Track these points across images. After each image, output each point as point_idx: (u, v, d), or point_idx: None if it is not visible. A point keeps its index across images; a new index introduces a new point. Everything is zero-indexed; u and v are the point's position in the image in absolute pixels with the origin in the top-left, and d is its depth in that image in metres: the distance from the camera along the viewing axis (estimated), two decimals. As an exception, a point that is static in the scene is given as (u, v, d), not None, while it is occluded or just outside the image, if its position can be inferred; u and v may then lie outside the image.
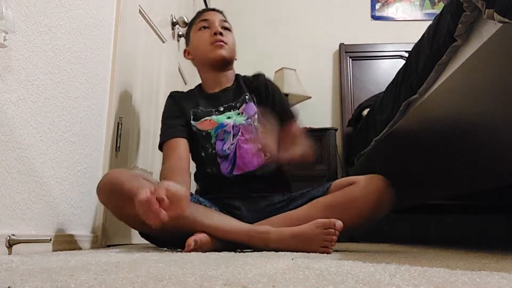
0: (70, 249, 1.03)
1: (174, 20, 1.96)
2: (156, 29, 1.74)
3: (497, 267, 0.66)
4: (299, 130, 1.34)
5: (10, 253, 0.81)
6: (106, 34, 1.31)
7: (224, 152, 1.28)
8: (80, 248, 1.10)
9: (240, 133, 1.30)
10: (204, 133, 1.31)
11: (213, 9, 1.45)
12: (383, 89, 1.94)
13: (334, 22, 3.25)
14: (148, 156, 1.66)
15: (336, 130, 2.80)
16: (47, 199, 0.98)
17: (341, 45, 3.15)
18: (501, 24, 0.83)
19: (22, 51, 0.87)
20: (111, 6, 1.34)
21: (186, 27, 2.03)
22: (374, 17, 3.27)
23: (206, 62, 1.38)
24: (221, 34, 1.35)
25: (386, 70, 2.99)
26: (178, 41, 2.06)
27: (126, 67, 1.43)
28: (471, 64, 1.03)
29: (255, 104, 1.35)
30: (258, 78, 1.42)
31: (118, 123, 1.36)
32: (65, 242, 1.05)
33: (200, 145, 1.31)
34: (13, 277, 0.46)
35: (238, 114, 1.33)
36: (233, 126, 1.30)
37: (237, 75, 1.44)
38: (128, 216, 1.09)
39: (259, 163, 1.28)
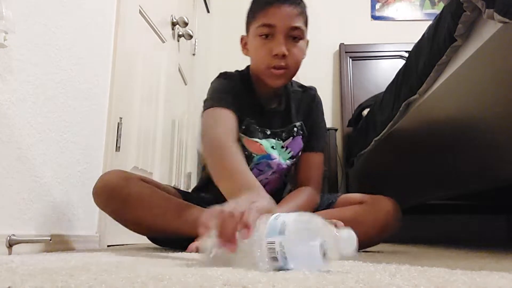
0: (70, 249, 1.03)
1: (174, 20, 1.96)
2: (156, 29, 1.74)
3: (497, 267, 0.66)
4: (316, 168, 1.19)
5: (10, 253, 0.81)
6: (106, 34, 1.31)
7: None
8: (80, 249, 1.10)
9: (280, 172, 1.19)
10: (246, 153, 1.12)
11: (285, 0, 1.05)
12: (383, 89, 1.94)
13: (334, 22, 3.24)
14: (148, 156, 1.66)
15: (336, 130, 2.80)
16: (47, 199, 0.98)
17: (341, 45, 3.15)
18: (501, 24, 0.83)
19: (22, 51, 0.87)
20: (111, 6, 1.34)
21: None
22: (374, 17, 3.26)
23: (259, 76, 1.13)
24: (284, 56, 1.05)
25: (386, 70, 2.99)
26: (178, 41, 2.06)
27: (126, 67, 1.43)
28: (471, 64, 1.03)
29: (302, 138, 1.20)
30: (308, 96, 1.26)
31: (118, 123, 1.36)
32: (65, 242, 1.05)
33: None
34: (13, 277, 0.46)
35: (282, 147, 1.17)
36: (277, 164, 1.16)
37: (286, 86, 1.21)
38: (127, 220, 1.06)
39: (276, 189, 1.22)
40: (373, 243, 1.16)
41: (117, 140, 1.35)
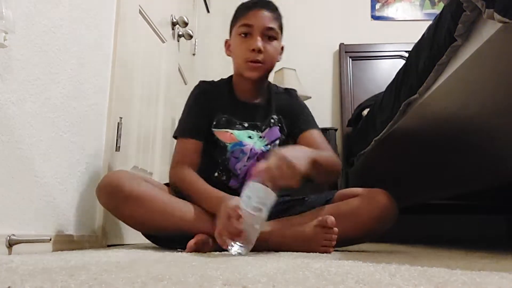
0: (70, 249, 1.03)
1: (174, 20, 1.96)
2: (156, 29, 1.74)
3: (497, 267, 0.66)
4: (320, 140, 1.27)
5: (10, 253, 0.82)
6: (106, 34, 1.31)
7: (235, 170, 1.25)
8: (80, 248, 1.10)
9: (255, 158, 1.24)
10: (221, 144, 1.25)
11: (263, 6, 1.24)
12: (383, 89, 1.94)
13: (334, 22, 3.24)
14: (148, 156, 1.66)
15: (336, 130, 2.80)
16: (47, 199, 0.98)
17: (341, 45, 3.14)
18: (501, 24, 0.83)
19: (22, 51, 0.87)
20: (111, 6, 1.34)
21: (185, 26, 2.03)
22: (374, 17, 3.26)
23: (239, 72, 1.28)
24: (260, 51, 1.20)
25: (386, 70, 2.99)
26: (178, 41, 2.06)
27: (126, 67, 1.43)
28: (471, 64, 1.03)
29: (279, 129, 1.30)
30: (292, 97, 1.36)
31: (118, 123, 1.36)
32: (65, 242, 1.05)
33: (218, 151, 1.26)
34: (13, 277, 0.46)
35: (260, 137, 1.27)
36: (251, 149, 1.24)
37: (269, 86, 1.35)
38: (128, 217, 1.09)
39: None
40: (371, 236, 1.17)
41: (117, 140, 1.35)
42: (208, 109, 1.27)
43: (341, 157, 2.93)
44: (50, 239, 0.93)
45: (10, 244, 0.81)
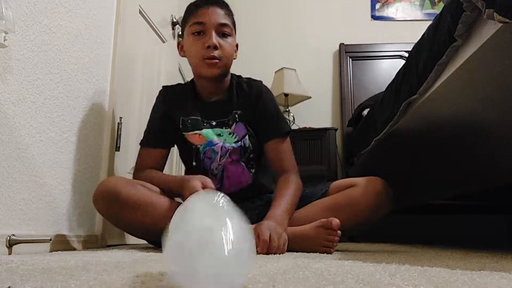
0: (69, 249, 1.03)
1: (174, 20, 1.96)
2: (156, 29, 1.74)
3: (497, 267, 0.66)
4: (285, 151, 1.26)
5: (10, 253, 0.82)
6: (106, 34, 1.31)
7: (212, 171, 1.25)
8: (79, 249, 1.10)
9: (227, 155, 1.24)
10: (193, 147, 1.25)
11: (213, 3, 1.22)
12: (383, 89, 1.93)
13: (334, 22, 3.24)
14: (148, 156, 1.65)
15: (336, 130, 2.80)
16: (47, 199, 0.98)
17: (341, 45, 3.14)
18: (501, 24, 0.83)
19: (22, 51, 0.87)
20: (111, 6, 1.34)
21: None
22: (374, 17, 3.26)
23: (197, 72, 1.26)
24: (215, 47, 1.18)
25: (386, 70, 2.99)
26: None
27: (126, 67, 1.43)
28: (471, 64, 1.03)
29: (244, 124, 1.26)
30: (252, 88, 1.29)
31: (118, 123, 1.36)
32: (65, 242, 1.05)
33: (193, 154, 1.26)
34: (13, 277, 0.46)
35: (230, 133, 1.25)
36: (221, 147, 1.24)
37: (232, 80, 1.30)
38: (126, 224, 1.08)
39: (247, 182, 1.26)
40: (370, 221, 1.18)
41: (117, 140, 1.35)
42: (172, 115, 1.27)
43: (341, 157, 2.93)
44: (50, 239, 0.93)
45: (10, 244, 0.81)
